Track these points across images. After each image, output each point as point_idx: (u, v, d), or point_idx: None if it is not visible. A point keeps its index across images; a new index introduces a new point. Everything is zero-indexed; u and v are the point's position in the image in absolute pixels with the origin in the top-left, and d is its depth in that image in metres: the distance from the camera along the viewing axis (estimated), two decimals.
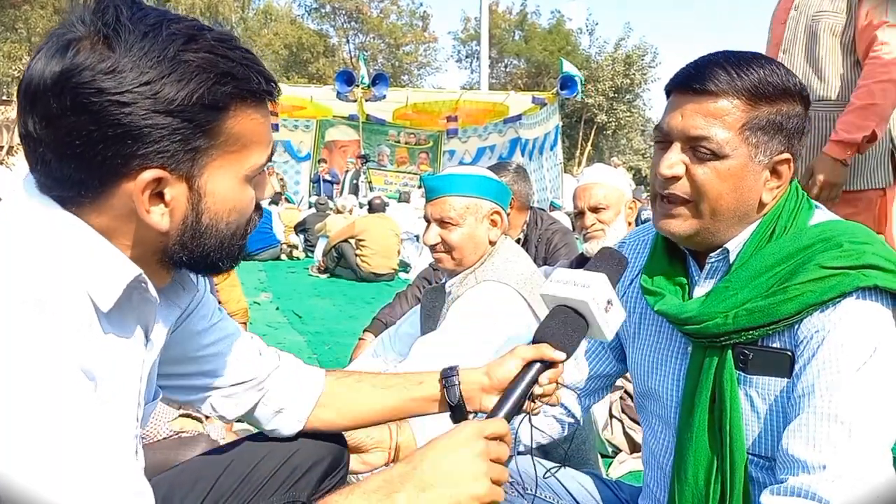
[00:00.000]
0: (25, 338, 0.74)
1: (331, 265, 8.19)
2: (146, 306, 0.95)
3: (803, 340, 1.07)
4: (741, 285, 1.11)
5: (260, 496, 1.24)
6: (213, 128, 0.85)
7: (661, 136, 1.17)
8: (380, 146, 17.44)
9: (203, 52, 0.83)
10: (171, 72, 0.81)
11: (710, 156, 1.11)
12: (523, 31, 39.29)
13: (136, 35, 0.81)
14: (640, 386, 1.34)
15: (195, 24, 0.86)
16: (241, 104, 0.87)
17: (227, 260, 0.97)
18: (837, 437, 0.99)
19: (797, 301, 1.05)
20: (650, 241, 1.33)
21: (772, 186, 1.14)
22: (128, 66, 0.79)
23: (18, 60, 27.26)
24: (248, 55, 0.88)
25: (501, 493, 0.95)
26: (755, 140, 1.10)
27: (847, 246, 1.06)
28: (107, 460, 0.77)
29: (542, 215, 3.70)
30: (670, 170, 1.13)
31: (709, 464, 1.15)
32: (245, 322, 3.46)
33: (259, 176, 0.95)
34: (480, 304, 1.89)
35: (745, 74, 1.09)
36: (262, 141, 0.92)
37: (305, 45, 37.48)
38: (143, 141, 0.81)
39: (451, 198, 1.98)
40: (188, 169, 0.85)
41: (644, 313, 1.32)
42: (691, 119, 1.11)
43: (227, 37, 0.88)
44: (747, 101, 1.09)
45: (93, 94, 0.78)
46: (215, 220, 0.90)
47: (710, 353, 1.15)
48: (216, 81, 0.83)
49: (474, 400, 1.24)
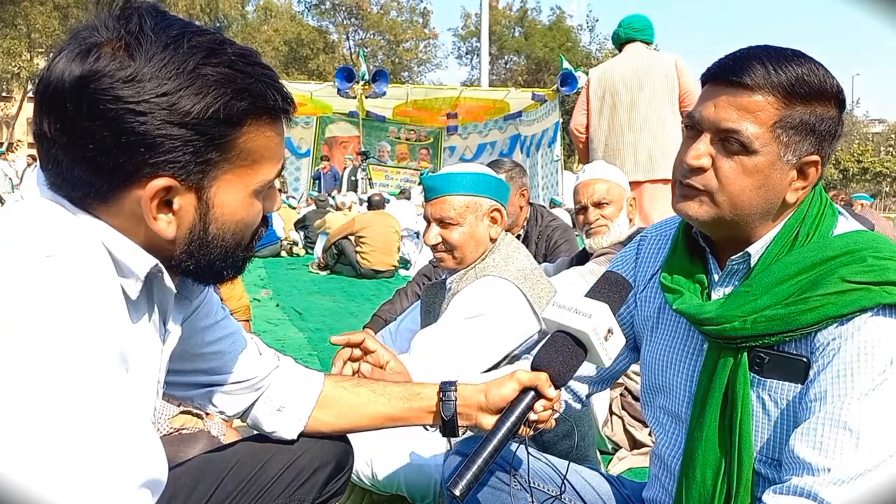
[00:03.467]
0: (69, 319, 0.75)
1: (331, 262, 8.19)
2: (164, 297, 0.96)
3: (819, 348, 1.07)
4: (762, 291, 1.11)
5: (265, 498, 1.24)
6: (227, 142, 0.86)
7: (691, 123, 1.16)
8: (380, 142, 17.41)
9: (222, 66, 0.84)
10: (189, 85, 0.82)
11: (738, 149, 1.10)
12: (523, 27, 39.21)
13: (158, 45, 0.82)
14: (652, 380, 1.34)
15: (217, 39, 0.87)
16: (256, 120, 0.88)
17: (232, 270, 0.98)
18: (845, 444, 1.00)
19: (817, 312, 1.05)
20: (672, 237, 1.32)
21: (797, 187, 1.13)
22: (147, 76, 0.80)
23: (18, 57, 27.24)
24: (268, 71, 0.89)
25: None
26: (786, 139, 1.09)
27: (871, 261, 1.05)
28: (130, 437, 0.77)
29: (543, 212, 3.70)
30: (697, 161, 1.12)
31: (717, 463, 1.15)
32: (247, 319, 3.46)
33: (269, 190, 0.96)
34: (479, 299, 1.88)
35: (783, 71, 1.07)
36: (274, 157, 0.93)
37: (305, 41, 37.41)
38: (155, 150, 0.82)
39: (450, 197, 1.98)
40: (198, 180, 0.86)
41: (662, 308, 1.32)
42: (724, 111, 1.10)
43: (248, 52, 0.89)
44: (782, 99, 1.08)
45: (110, 101, 0.79)
46: (222, 231, 0.92)
47: (725, 353, 1.15)
48: (233, 97, 0.84)
49: (470, 417, 1.25)
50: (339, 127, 17.19)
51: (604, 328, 1.11)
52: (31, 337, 0.72)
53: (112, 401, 0.75)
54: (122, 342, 0.81)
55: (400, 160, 17.84)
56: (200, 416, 2.13)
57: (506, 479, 1.37)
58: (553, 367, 1.14)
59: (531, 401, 1.15)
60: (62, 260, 0.78)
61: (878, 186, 37.51)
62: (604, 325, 1.11)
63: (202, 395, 1.21)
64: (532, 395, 1.15)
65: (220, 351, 1.19)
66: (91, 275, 0.80)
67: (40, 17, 26.39)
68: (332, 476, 1.32)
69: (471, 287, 1.93)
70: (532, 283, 1.93)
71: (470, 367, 1.82)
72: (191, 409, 2.12)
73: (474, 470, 1.07)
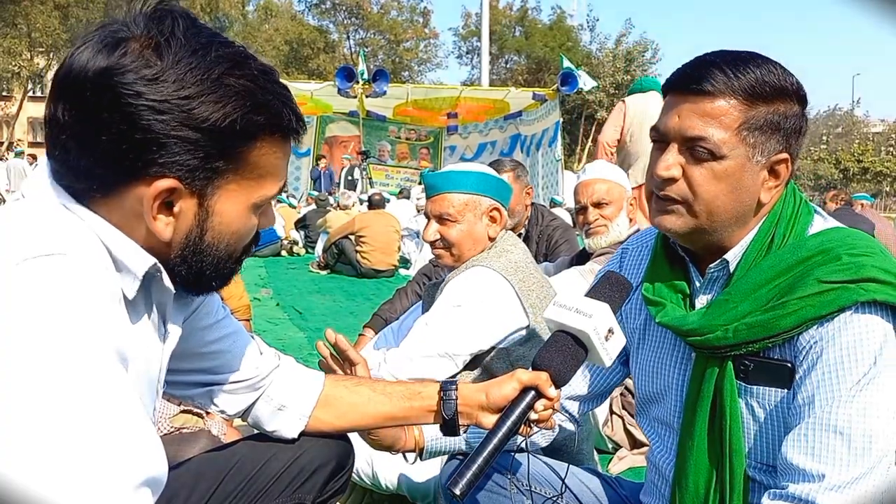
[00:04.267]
0: (68, 318, 0.75)
1: (331, 261, 8.18)
2: (163, 296, 0.96)
3: (802, 351, 1.07)
4: (741, 298, 1.11)
5: (266, 497, 1.25)
6: (237, 153, 0.87)
7: (658, 136, 1.16)
8: (380, 142, 17.41)
9: (245, 79, 0.86)
10: (212, 92, 0.83)
11: (707, 156, 1.10)
12: (524, 27, 39.23)
13: (187, 50, 0.83)
14: (644, 390, 1.34)
15: (242, 52, 0.89)
16: (269, 137, 0.89)
17: (219, 280, 0.99)
18: (837, 447, 1.00)
19: (796, 315, 1.05)
20: (651, 247, 1.32)
21: (770, 186, 1.13)
22: (171, 78, 0.81)
23: (18, 56, 27.26)
24: (285, 92, 0.91)
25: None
26: (753, 140, 1.09)
27: (846, 259, 1.05)
28: (131, 435, 0.77)
29: (544, 211, 3.70)
30: (667, 171, 1.12)
31: (709, 471, 1.15)
32: (248, 318, 3.46)
33: (266, 207, 0.97)
34: (466, 288, 1.90)
35: (742, 74, 1.08)
36: (279, 175, 0.94)
37: (306, 41, 37.43)
38: (167, 150, 0.82)
39: (450, 194, 1.99)
40: (202, 186, 0.87)
41: (648, 319, 1.32)
42: (688, 119, 1.10)
43: (270, 70, 0.90)
44: (744, 101, 1.08)
45: (131, 96, 0.80)
46: (216, 240, 0.92)
47: (711, 362, 1.15)
48: (251, 110, 0.86)
49: (471, 416, 1.25)
50: (340, 126, 17.18)
51: (604, 328, 1.11)
52: (31, 336, 0.72)
53: (111, 399, 0.75)
54: (121, 341, 0.81)
55: (400, 160, 17.83)
56: (201, 415, 2.14)
57: (504, 483, 1.37)
58: (553, 367, 1.14)
59: (532, 400, 1.15)
60: (61, 259, 0.78)
61: (878, 186, 37.46)
62: (604, 324, 1.11)
63: (203, 394, 1.22)
64: (533, 395, 1.16)
65: (221, 350, 1.20)
66: (90, 274, 0.80)
67: (41, 16, 26.40)
68: (333, 475, 1.32)
69: (460, 276, 1.95)
70: (523, 276, 1.94)
71: (456, 354, 1.84)
72: (191, 408, 2.13)
73: (474, 469, 1.07)
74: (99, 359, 0.76)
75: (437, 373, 1.88)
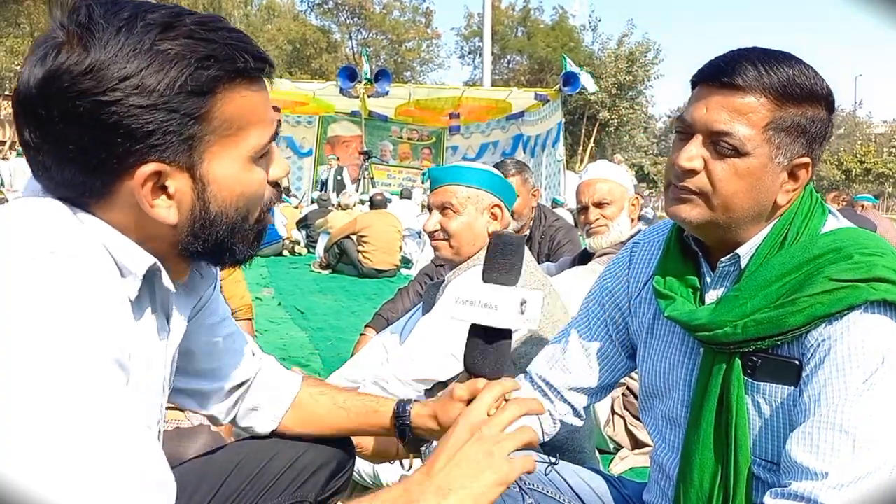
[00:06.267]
0: (69, 324, 0.73)
1: (333, 261, 8.18)
2: (164, 296, 0.94)
3: (810, 349, 1.07)
4: (751, 294, 1.10)
5: (268, 496, 1.25)
6: (204, 113, 0.82)
7: (682, 126, 1.15)
8: (382, 142, 17.41)
9: (182, 38, 0.80)
10: (150, 63, 0.78)
11: (731, 152, 1.09)
12: (526, 27, 39.25)
13: (111, 31, 0.78)
14: (650, 385, 1.33)
15: (173, 11, 0.83)
16: (228, 85, 0.84)
17: (243, 245, 0.95)
18: (842, 447, 1.00)
19: (805, 313, 1.05)
20: (663, 242, 1.32)
21: (788, 189, 1.13)
22: (105, 64, 0.77)
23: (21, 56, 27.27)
24: (234, 34, 0.84)
25: (528, 462, 0.95)
26: (777, 140, 1.08)
27: (857, 258, 1.04)
28: (130, 447, 0.75)
29: (546, 212, 3.70)
30: (689, 163, 1.11)
31: (714, 467, 1.15)
32: (249, 318, 3.45)
33: (268, 154, 0.93)
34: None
35: (774, 72, 1.07)
36: (261, 120, 0.89)
37: (308, 41, 37.46)
38: (133, 137, 0.79)
39: (453, 186, 2.01)
40: (187, 159, 0.83)
41: (657, 314, 1.31)
42: (716, 113, 1.09)
43: (210, 19, 0.84)
44: (774, 100, 1.07)
45: (76, 98, 0.77)
46: (224, 206, 0.88)
47: (719, 358, 1.15)
48: (198, 66, 0.80)
49: (431, 432, 1.27)
50: (342, 126, 17.18)
51: (513, 309, 1.07)
52: (31, 335, 0.71)
53: (110, 409, 0.73)
54: (125, 341, 0.80)
55: (402, 160, 17.83)
56: (182, 409, 2.12)
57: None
58: (486, 368, 1.12)
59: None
60: (65, 256, 0.77)
61: (880, 187, 37.41)
62: (512, 307, 1.07)
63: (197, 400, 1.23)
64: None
65: (222, 350, 1.20)
66: (94, 271, 0.79)
67: (43, 16, 26.40)
68: (334, 474, 1.33)
69: (461, 277, 1.95)
70: (524, 276, 1.94)
71: (458, 354, 1.84)
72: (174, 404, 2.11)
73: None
74: (100, 362, 0.74)
75: (440, 373, 1.88)
